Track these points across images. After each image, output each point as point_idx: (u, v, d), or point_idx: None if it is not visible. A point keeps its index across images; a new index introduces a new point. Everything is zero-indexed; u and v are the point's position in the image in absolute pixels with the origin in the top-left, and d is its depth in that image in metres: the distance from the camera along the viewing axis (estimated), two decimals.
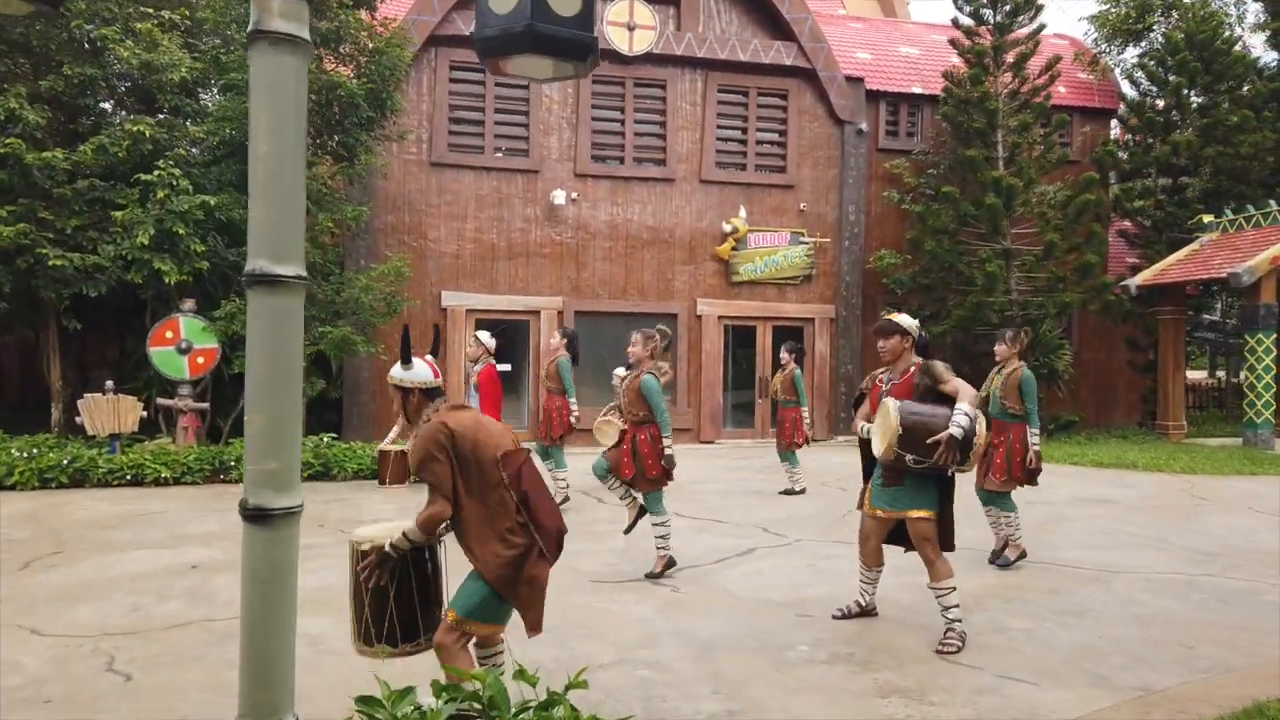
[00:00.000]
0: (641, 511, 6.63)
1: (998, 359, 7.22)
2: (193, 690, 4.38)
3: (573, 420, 9.31)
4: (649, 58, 16.08)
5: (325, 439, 11.92)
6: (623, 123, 16.31)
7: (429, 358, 3.83)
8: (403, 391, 3.71)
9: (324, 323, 12.44)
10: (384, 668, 3.59)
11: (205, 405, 12.25)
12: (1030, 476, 6.94)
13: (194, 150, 12.66)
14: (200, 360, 11.98)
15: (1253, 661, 4.87)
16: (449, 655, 3.45)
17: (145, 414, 11.77)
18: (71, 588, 6.21)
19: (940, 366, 5.02)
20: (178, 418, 11.99)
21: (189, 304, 12.09)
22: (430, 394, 3.73)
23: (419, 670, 3.73)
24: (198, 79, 12.74)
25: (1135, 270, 18.21)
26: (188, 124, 12.81)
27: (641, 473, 6.48)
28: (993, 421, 6.89)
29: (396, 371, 3.71)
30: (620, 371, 7.07)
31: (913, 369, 5.18)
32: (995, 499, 7.03)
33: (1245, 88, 18.58)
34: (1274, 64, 19.41)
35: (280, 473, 2.18)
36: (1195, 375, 28.71)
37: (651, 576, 6.55)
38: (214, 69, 12.39)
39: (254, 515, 2.17)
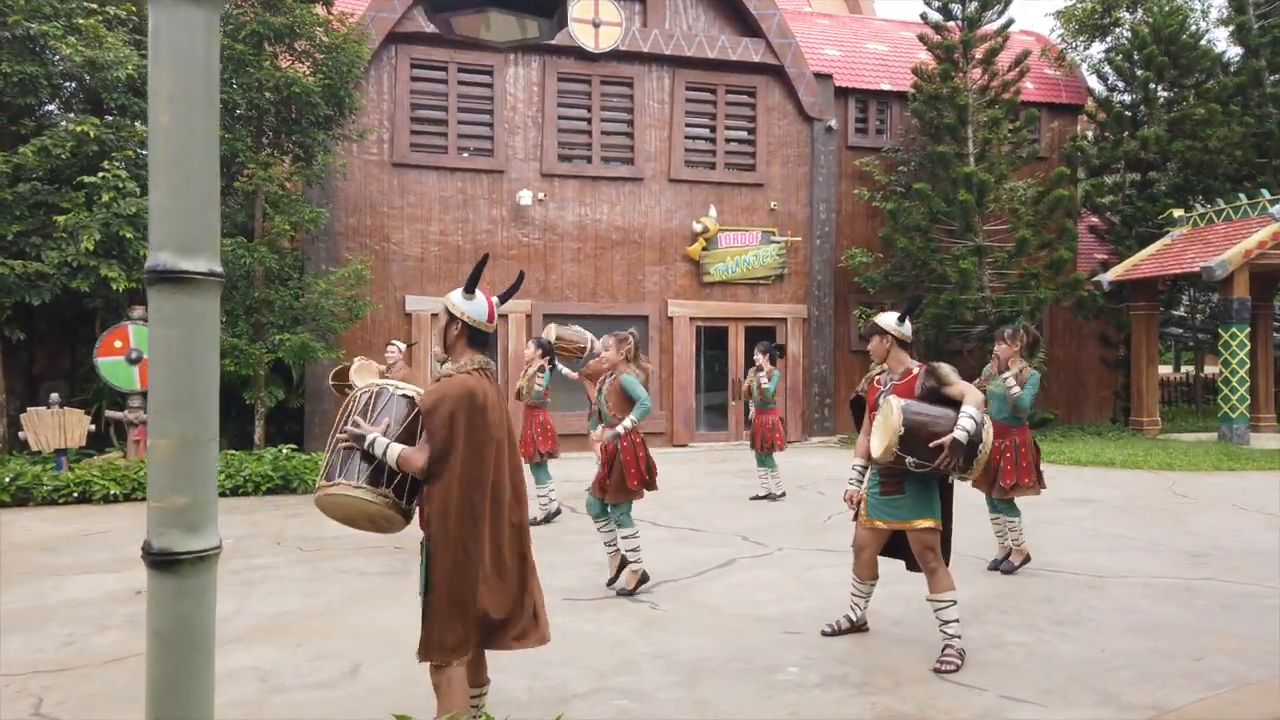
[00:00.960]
0: (624, 563, 6.28)
1: (1000, 359, 6.96)
2: None
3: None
4: (615, 55, 15.74)
5: (285, 450, 11.44)
6: (589, 121, 15.95)
7: (495, 299, 3.50)
8: (449, 317, 3.44)
9: (283, 329, 11.99)
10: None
11: None
12: (1039, 480, 6.72)
13: (142, 152, 12.11)
14: None
15: (1267, 673, 4.61)
16: (438, 687, 3.33)
17: (94, 428, 11.24)
18: (2, 618, 5.75)
19: (946, 369, 4.73)
20: (128, 431, 11.47)
21: (139, 311, 11.57)
22: (475, 337, 3.43)
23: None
24: (146, 77, 12.21)
25: (1106, 266, 18.15)
26: (136, 124, 12.25)
27: (620, 481, 6.12)
28: (995, 425, 6.62)
29: (454, 295, 3.44)
30: (619, 333, 6.56)
31: (915, 370, 4.88)
32: (1001, 505, 6.78)
33: (1211, 82, 18.58)
34: (1238, 58, 19.44)
35: (192, 508, 1.79)
36: (1161, 370, 28.86)
37: (624, 594, 6.20)
38: None
39: (159, 561, 1.78)
